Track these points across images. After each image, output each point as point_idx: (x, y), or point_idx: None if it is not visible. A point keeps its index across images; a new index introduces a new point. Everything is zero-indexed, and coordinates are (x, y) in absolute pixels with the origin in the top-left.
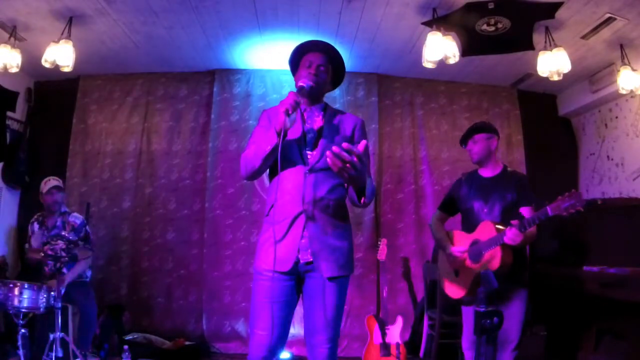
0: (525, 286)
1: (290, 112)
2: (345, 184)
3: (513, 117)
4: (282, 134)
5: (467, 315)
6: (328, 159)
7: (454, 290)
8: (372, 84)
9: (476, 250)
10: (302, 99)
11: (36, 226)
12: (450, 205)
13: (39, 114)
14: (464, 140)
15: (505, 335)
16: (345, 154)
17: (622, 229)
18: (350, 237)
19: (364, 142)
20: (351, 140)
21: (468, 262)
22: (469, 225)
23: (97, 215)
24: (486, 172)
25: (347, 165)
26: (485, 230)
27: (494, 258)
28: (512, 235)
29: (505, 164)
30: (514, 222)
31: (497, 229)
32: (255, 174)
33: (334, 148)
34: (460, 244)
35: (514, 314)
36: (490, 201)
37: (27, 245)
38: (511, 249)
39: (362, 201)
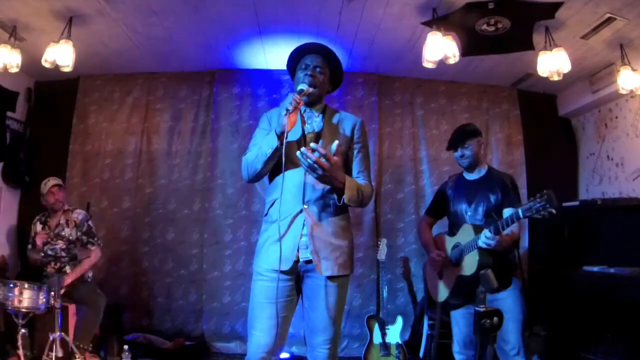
0: (513, 288)
1: (290, 112)
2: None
3: (513, 117)
4: (283, 137)
5: (456, 319)
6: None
7: (437, 292)
8: (372, 84)
9: (457, 253)
10: (302, 101)
11: (39, 226)
12: (436, 209)
13: (39, 114)
14: (454, 145)
15: (503, 340)
16: (309, 154)
17: (622, 229)
18: (351, 236)
19: (336, 142)
20: (351, 140)
21: (450, 265)
22: (454, 228)
23: (97, 215)
24: (472, 175)
25: (315, 165)
26: (466, 233)
27: (472, 262)
28: (485, 239)
29: (491, 165)
30: (488, 226)
31: (476, 232)
32: (257, 177)
33: (303, 148)
34: (443, 247)
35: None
36: (474, 203)
37: (29, 246)
38: (490, 252)
39: (340, 202)
